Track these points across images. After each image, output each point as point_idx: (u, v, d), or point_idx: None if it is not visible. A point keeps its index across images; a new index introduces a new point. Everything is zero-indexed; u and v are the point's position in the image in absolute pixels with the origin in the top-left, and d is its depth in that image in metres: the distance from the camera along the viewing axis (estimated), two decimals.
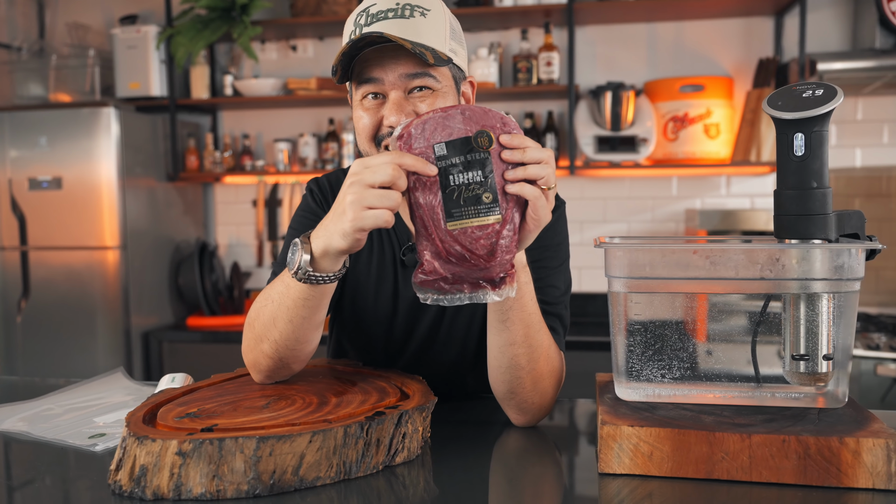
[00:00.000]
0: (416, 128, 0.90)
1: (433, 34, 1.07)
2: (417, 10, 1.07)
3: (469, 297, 0.91)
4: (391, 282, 1.24)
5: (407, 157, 0.88)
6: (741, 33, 3.24)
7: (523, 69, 3.22)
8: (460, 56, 1.14)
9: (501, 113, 0.91)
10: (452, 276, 0.90)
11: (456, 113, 0.90)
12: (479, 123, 0.89)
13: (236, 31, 3.24)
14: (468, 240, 0.88)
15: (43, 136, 3.19)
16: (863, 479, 0.84)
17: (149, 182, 3.38)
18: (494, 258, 0.89)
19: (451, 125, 0.89)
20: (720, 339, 1.01)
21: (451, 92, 1.12)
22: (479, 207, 0.88)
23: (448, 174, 0.89)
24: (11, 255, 3.27)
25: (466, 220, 0.88)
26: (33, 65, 3.52)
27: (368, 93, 1.08)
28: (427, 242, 0.90)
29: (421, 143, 0.89)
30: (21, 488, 0.93)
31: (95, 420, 1.16)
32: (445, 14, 1.11)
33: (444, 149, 0.89)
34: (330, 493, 0.87)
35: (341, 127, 3.54)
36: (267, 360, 1.07)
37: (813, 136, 0.95)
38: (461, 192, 0.88)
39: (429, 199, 0.89)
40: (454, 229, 0.88)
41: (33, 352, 3.27)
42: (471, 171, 0.88)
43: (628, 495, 0.87)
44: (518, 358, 1.05)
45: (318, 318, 1.04)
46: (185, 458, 0.84)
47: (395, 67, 1.06)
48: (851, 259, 0.93)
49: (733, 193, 3.31)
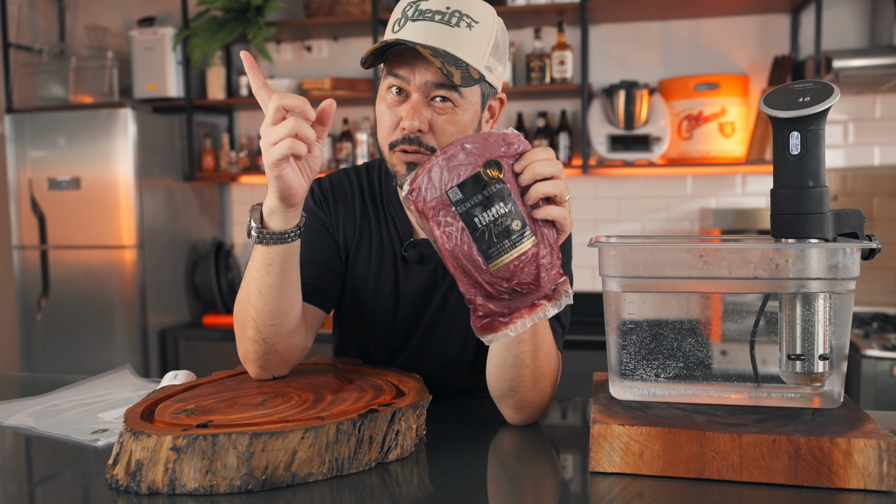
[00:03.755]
0: (423, 180, 0.89)
1: (473, 49, 1.06)
2: (465, 19, 1.06)
3: (531, 318, 0.91)
4: (392, 277, 1.25)
5: (287, 98, 0.92)
6: (757, 31, 3.21)
7: (536, 68, 3.22)
8: (496, 73, 1.12)
9: (503, 132, 0.91)
10: (508, 309, 0.90)
11: (458, 151, 0.89)
12: (484, 154, 0.88)
13: (251, 32, 3.28)
14: (513, 273, 0.88)
15: (62, 137, 3.24)
16: (854, 480, 0.84)
17: (166, 182, 3.42)
18: (541, 280, 0.89)
19: (456, 166, 0.88)
20: (715, 339, 1.00)
21: (473, 109, 1.11)
22: (512, 239, 0.87)
23: (472, 217, 0.87)
24: (32, 254, 3.33)
25: (506, 254, 0.87)
26: (54, 67, 3.58)
27: (393, 86, 1.09)
28: (475, 289, 0.90)
29: (433, 193, 0.88)
30: (21, 482, 0.95)
31: (100, 416, 1.18)
32: (494, 29, 1.09)
33: (459, 192, 0.87)
34: (322, 490, 0.88)
35: (355, 127, 3.56)
36: (253, 344, 1.08)
37: (809, 135, 0.94)
38: (491, 231, 0.87)
39: (463, 249, 0.88)
40: (497, 268, 0.87)
41: (53, 349, 3.33)
42: (493, 206, 0.87)
43: (619, 494, 0.87)
44: (524, 356, 1.05)
45: (287, 285, 1.05)
46: (179, 453, 0.85)
47: (423, 72, 1.06)
48: (846, 258, 0.92)
49: (749, 192, 3.28)
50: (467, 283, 0.90)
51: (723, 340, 1.00)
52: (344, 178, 1.30)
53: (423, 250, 1.23)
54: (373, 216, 1.26)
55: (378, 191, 1.28)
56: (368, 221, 1.26)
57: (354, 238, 1.26)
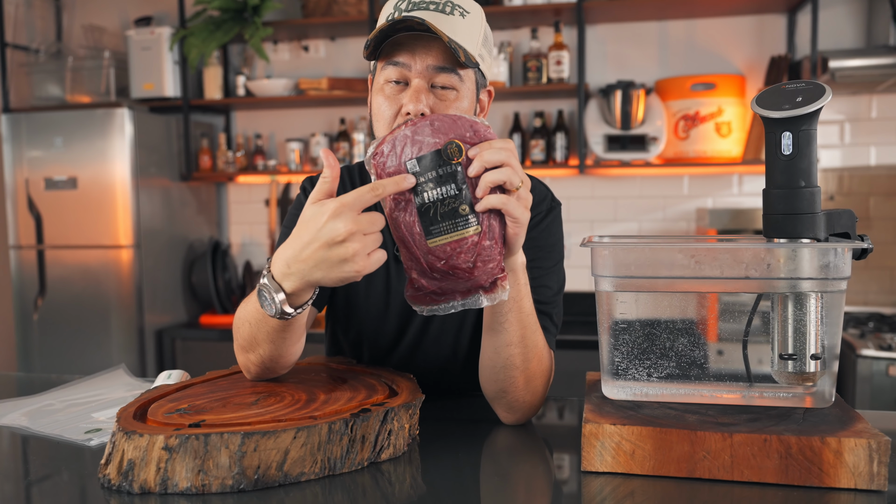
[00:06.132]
0: (387, 145, 0.89)
1: (468, 36, 1.09)
2: (458, 9, 1.09)
3: (462, 303, 0.91)
4: (383, 277, 1.26)
5: (387, 185, 0.86)
6: (753, 31, 3.22)
7: (533, 68, 3.22)
8: (486, 63, 1.15)
9: (473, 119, 0.90)
10: (441, 289, 0.90)
11: (425, 126, 0.89)
12: (449, 134, 0.88)
13: (248, 32, 3.28)
14: (449, 255, 0.87)
15: (59, 137, 3.24)
16: (845, 479, 0.84)
17: (162, 182, 3.42)
18: (477, 269, 0.89)
19: (420, 139, 0.88)
20: (707, 339, 1.00)
21: (470, 97, 1.12)
22: (456, 221, 0.87)
23: (423, 191, 0.87)
24: (28, 253, 3.33)
25: (445, 235, 0.87)
26: (51, 66, 3.58)
27: (391, 79, 1.08)
28: (411, 262, 0.90)
29: (393, 161, 0.88)
30: (14, 481, 0.95)
31: (94, 415, 1.18)
32: (482, 20, 1.13)
33: (416, 165, 0.88)
34: (314, 489, 0.88)
35: (352, 126, 3.56)
36: (254, 367, 1.09)
37: (801, 135, 0.94)
38: (437, 208, 0.87)
39: (406, 219, 0.88)
40: (434, 246, 0.87)
41: (49, 349, 3.33)
42: (444, 186, 0.87)
43: (610, 493, 0.87)
44: (513, 358, 1.05)
45: (298, 335, 1.04)
46: (171, 452, 0.85)
47: (424, 57, 1.07)
48: (837, 258, 0.92)
49: (745, 192, 3.28)
50: (406, 255, 0.90)
51: (715, 340, 1.01)
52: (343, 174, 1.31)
53: None
54: None
55: None
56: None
57: None
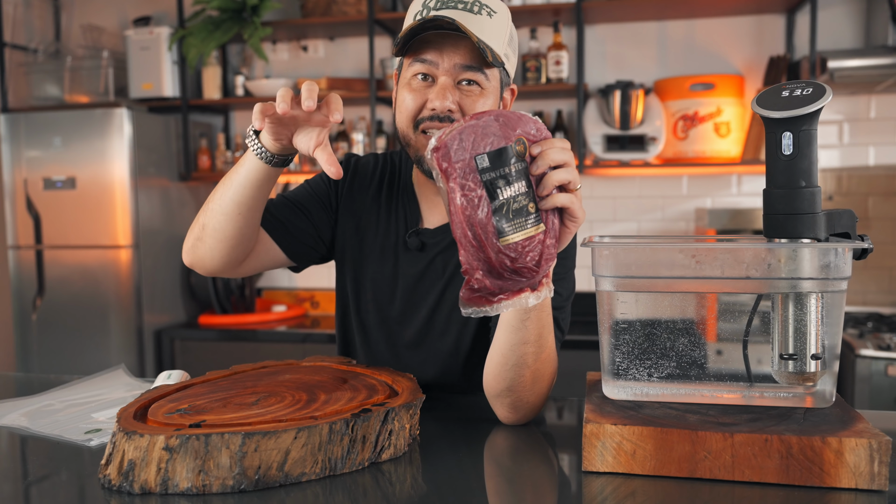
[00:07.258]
0: (452, 139, 0.86)
1: (495, 35, 1.11)
2: (486, 8, 1.11)
3: (511, 303, 0.90)
4: (392, 262, 1.28)
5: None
6: (752, 31, 3.22)
7: (532, 68, 3.22)
8: (511, 63, 1.18)
9: (533, 117, 0.90)
10: (500, 288, 0.89)
11: (490, 120, 0.86)
12: (515, 129, 0.86)
13: (247, 31, 3.27)
14: (519, 254, 0.86)
15: (57, 137, 3.24)
16: (846, 479, 0.84)
17: (161, 182, 3.42)
18: (540, 268, 0.88)
19: (488, 133, 0.85)
20: (708, 339, 1.00)
21: (495, 95, 1.15)
22: (526, 219, 0.86)
23: (496, 188, 0.85)
24: (27, 253, 3.32)
25: (518, 233, 0.86)
26: (49, 66, 3.57)
27: (419, 73, 1.12)
28: (478, 262, 0.87)
29: (461, 154, 0.85)
30: (14, 481, 0.95)
31: (94, 416, 1.18)
32: (508, 20, 1.15)
33: (487, 160, 0.85)
34: (315, 489, 0.88)
35: (351, 127, 3.56)
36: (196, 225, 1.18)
37: (801, 135, 0.94)
38: (510, 206, 0.85)
39: (480, 217, 0.85)
40: (505, 245, 0.85)
41: (48, 349, 3.33)
42: (516, 183, 0.85)
43: (611, 493, 0.87)
44: (527, 356, 1.05)
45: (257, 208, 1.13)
46: (171, 453, 0.85)
47: (452, 55, 1.10)
48: (838, 258, 0.92)
49: (744, 192, 3.29)
50: (472, 254, 0.88)
51: (716, 340, 1.01)
52: (371, 160, 1.36)
53: (425, 239, 1.26)
54: (385, 201, 1.31)
55: (397, 177, 1.33)
56: (379, 204, 1.31)
57: (363, 216, 1.31)
